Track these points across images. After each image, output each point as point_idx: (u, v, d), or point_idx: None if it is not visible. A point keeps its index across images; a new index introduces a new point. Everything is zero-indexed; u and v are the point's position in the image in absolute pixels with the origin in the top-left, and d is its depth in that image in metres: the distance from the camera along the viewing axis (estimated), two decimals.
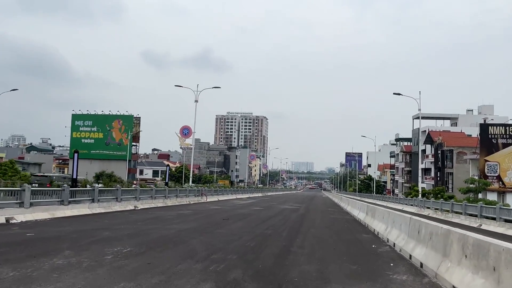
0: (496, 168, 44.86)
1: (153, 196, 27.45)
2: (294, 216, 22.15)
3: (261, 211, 25.63)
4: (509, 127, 45.19)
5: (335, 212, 27.73)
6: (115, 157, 78.94)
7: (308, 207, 34.17)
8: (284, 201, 44.29)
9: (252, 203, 36.27)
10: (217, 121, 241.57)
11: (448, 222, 24.94)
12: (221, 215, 20.73)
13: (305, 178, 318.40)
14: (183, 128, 39.35)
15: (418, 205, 35.62)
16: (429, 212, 31.55)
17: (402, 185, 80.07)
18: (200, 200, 36.57)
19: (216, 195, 43.39)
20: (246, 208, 28.30)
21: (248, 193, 61.48)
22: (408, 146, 78.21)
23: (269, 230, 14.23)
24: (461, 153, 54.80)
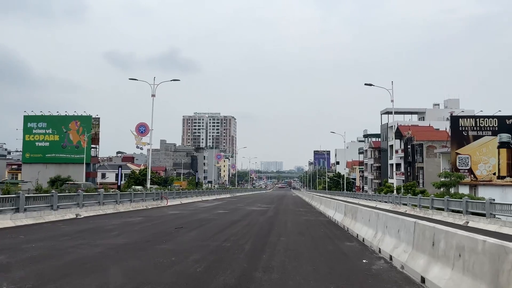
0: (467, 161, 43.68)
1: (100, 202, 23.76)
2: (262, 220, 19.14)
3: (225, 214, 22.51)
4: (479, 118, 44.15)
5: (308, 213, 24.98)
6: (72, 160, 73.66)
7: (278, 207, 31.34)
8: (252, 202, 41.31)
9: (217, 206, 33.07)
10: (184, 121, 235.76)
11: (430, 219, 22.66)
12: (176, 222, 17.46)
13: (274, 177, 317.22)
14: (139, 125, 35.62)
15: (393, 201, 33.53)
16: (406, 209, 29.40)
17: (372, 182, 78.96)
18: (159, 204, 33.00)
19: (178, 198, 39.85)
20: (208, 211, 25.08)
21: (216, 194, 58.13)
22: (377, 142, 77.18)
23: (229, 241, 11.13)
24: (431, 147, 53.68)
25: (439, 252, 6.30)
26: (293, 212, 25.89)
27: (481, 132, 43.79)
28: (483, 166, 43.29)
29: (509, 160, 42.88)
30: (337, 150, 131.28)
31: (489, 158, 43.30)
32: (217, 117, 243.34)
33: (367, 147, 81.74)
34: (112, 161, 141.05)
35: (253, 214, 23.39)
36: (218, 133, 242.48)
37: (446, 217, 22.20)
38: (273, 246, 10.41)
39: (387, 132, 67.84)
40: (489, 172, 43.03)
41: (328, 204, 23.25)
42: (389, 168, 67.42)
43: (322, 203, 27.06)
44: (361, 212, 13.20)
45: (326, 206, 24.30)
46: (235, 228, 14.95)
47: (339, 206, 18.54)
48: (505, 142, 43.03)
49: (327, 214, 21.97)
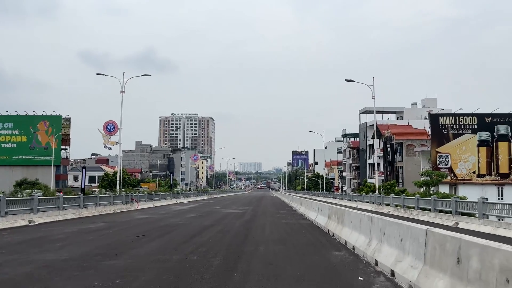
0: (447, 160, 43.00)
1: (60, 206, 21.41)
2: (237, 224, 17.28)
3: (198, 219, 20.55)
4: (459, 116, 43.57)
5: (288, 215, 23.28)
6: (41, 162, 70.04)
7: (256, 210, 29.55)
8: (229, 204, 39.40)
9: (192, 209, 31.04)
10: (161, 123, 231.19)
11: (416, 220, 21.30)
12: (141, 228, 15.44)
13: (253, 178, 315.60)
14: (107, 123, 33.16)
15: (375, 201, 32.24)
16: (389, 209, 28.09)
17: (350, 182, 78.19)
18: (129, 208, 30.75)
19: (151, 200, 37.58)
20: (180, 215, 23.06)
21: (192, 196, 55.90)
22: (356, 141, 76.46)
23: (196, 253, 9.25)
24: (410, 145, 53.01)
25: (469, 273, 4.61)
26: (272, 214, 24.14)
27: (460, 130, 43.22)
28: (463, 165, 42.70)
29: (489, 158, 42.44)
30: (315, 151, 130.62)
31: (468, 157, 42.76)
32: (195, 118, 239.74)
33: (346, 147, 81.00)
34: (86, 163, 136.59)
35: (229, 217, 21.52)
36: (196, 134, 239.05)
37: (433, 218, 20.88)
38: (249, 260, 8.58)
39: (366, 131, 67.07)
40: (469, 171, 42.48)
41: (309, 206, 21.60)
42: (368, 167, 66.66)
43: (303, 204, 25.42)
44: (349, 215, 11.52)
45: (307, 207, 22.66)
46: (206, 235, 13.05)
47: (322, 208, 16.87)
48: (485, 140, 42.58)
49: (309, 216, 20.32)
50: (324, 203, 17.34)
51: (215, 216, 22.74)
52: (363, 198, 36.85)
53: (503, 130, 42.37)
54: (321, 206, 17.21)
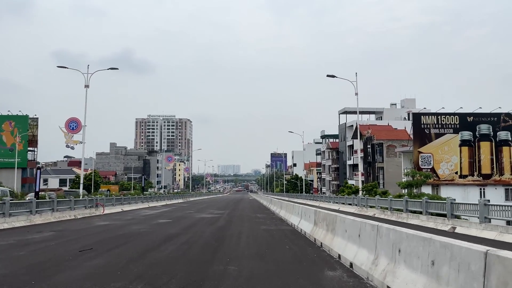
0: (430, 160, 41.66)
1: (6, 213, 18.55)
2: (208, 232, 14.84)
3: (165, 225, 18.03)
4: (441, 116, 42.34)
5: (267, 220, 20.99)
6: (5, 165, 65.68)
7: (232, 214, 27.14)
8: (204, 208, 36.85)
9: (162, 213, 28.39)
10: (137, 124, 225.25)
11: (407, 224, 19.37)
12: (91, 239, 12.85)
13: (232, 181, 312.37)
14: (69, 121, 30.08)
15: (359, 203, 30.34)
16: (375, 212, 26.20)
17: (330, 183, 76.69)
18: (94, 213, 27.87)
19: (119, 205, 34.64)
20: (147, 222, 20.45)
21: (166, 200, 52.96)
22: (335, 142, 75.04)
23: (144, 279, 6.81)
24: (391, 146, 51.69)
25: None
26: (249, 219, 21.79)
27: (443, 130, 41.99)
28: (445, 165, 41.45)
29: (471, 158, 41.34)
30: (294, 152, 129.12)
31: (451, 157, 41.55)
32: (172, 119, 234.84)
33: (325, 148, 79.50)
34: (58, 165, 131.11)
35: (200, 223, 19.05)
36: (173, 136, 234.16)
37: (425, 222, 19.00)
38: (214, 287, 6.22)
39: (346, 132, 65.63)
40: (451, 171, 41.25)
41: (291, 210, 19.36)
42: (348, 169, 65.20)
43: (283, 207, 23.18)
44: (343, 223, 9.30)
45: (288, 211, 20.42)
46: (166, 248, 10.60)
47: (306, 212, 14.65)
48: (467, 140, 41.46)
49: (290, 221, 18.08)
50: (308, 207, 15.12)
51: (185, 222, 20.24)
52: (345, 200, 34.95)
53: (485, 130, 41.37)
54: (305, 210, 14.99)
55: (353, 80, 30.56)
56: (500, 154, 41.20)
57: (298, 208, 17.09)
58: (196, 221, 20.72)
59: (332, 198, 41.47)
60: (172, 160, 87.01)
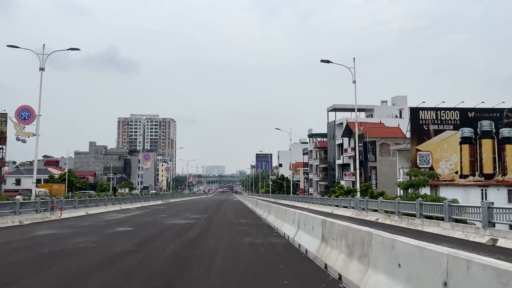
0: (428, 159, 38.16)
1: None
2: (171, 250, 10.55)
3: (119, 237, 13.73)
4: (440, 111, 38.91)
5: (252, 228, 16.83)
6: None
7: (212, 219, 22.89)
8: (182, 211, 32.52)
9: (129, 218, 23.98)
10: (119, 124, 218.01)
11: (426, 233, 15.51)
12: (11, 258, 8.53)
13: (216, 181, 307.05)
14: (20, 109, 25.33)
15: (356, 206, 26.45)
16: (377, 216, 22.32)
17: (317, 184, 73.00)
18: (48, 218, 23.35)
19: (84, 207, 30.05)
20: (100, 231, 16.08)
21: (142, 201, 48.30)
22: (323, 141, 71.37)
23: None
24: (385, 144, 48.15)
25: None
26: (231, 227, 17.59)
27: (442, 126, 38.55)
28: (444, 164, 37.99)
29: (472, 157, 38.01)
30: (280, 152, 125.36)
31: (450, 155, 38.12)
32: (156, 119, 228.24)
33: (312, 147, 75.78)
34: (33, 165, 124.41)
35: (167, 234, 14.78)
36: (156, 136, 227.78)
37: (449, 231, 15.13)
38: None
39: (335, 130, 61.98)
40: (451, 171, 37.82)
41: (282, 215, 15.25)
42: (337, 168, 61.55)
43: (272, 212, 19.06)
44: (389, 249, 5.19)
45: (278, 217, 16.30)
46: (94, 283, 6.38)
47: (307, 221, 10.54)
48: (467, 138, 38.11)
49: (282, 231, 13.98)
50: (310, 214, 10.98)
51: (150, 230, 15.94)
52: (339, 202, 31.02)
53: (487, 126, 38.08)
54: (305, 218, 10.88)
55: (351, 66, 26.72)
56: (502, 153, 37.96)
57: (292, 215, 12.98)
58: (164, 229, 16.45)
59: (323, 200, 37.50)
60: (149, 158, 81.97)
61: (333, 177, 64.40)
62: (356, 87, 26.97)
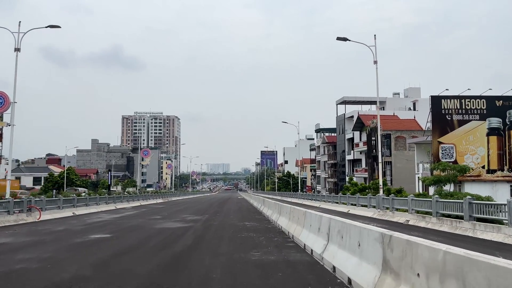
0: (452, 152, 34.35)
1: None
2: (141, 275, 7.01)
3: (87, 249, 10.23)
4: (465, 99, 35.10)
5: (260, 235, 13.24)
6: None
7: (211, 221, 19.34)
8: (181, 210, 29.06)
9: (116, 220, 20.52)
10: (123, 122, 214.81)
11: (488, 243, 11.87)
12: None
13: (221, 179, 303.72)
14: None
15: (379, 205, 22.77)
16: (407, 217, 18.68)
17: (325, 180, 69.29)
18: (23, 220, 20.05)
19: (71, 207, 26.65)
20: (66, 239, 12.56)
21: (141, 200, 44.87)
22: (331, 136, 67.61)
23: None
24: (400, 137, 44.38)
25: None
26: (233, 232, 14.02)
27: (467, 116, 34.68)
28: (470, 158, 34.14)
29: (500, 150, 34.13)
30: (285, 149, 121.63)
31: (477, 148, 34.28)
32: (160, 117, 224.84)
33: (320, 143, 72.01)
34: (35, 163, 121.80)
35: (151, 243, 11.25)
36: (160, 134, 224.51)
37: None
38: None
39: (345, 124, 58.22)
40: (478, 165, 33.94)
41: (300, 219, 11.63)
42: (347, 164, 57.81)
43: (284, 213, 15.47)
44: None
45: (293, 221, 12.69)
46: None
47: (346, 231, 6.88)
48: (495, 128, 34.21)
49: (301, 240, 10.40)
50: (352, 222, 7.31)
51: (129, 239, 12.41)
52: (356, 201, 27.29)
53: None
54: (342, 227, 7.24)
55: (371, 45, 23.00)
56: None
57: (317, 220, 9.36)
58: (149, 236, 12.91)
59: (336, 198, 33.74)
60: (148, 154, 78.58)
61: (341, 174, 60.71)
62: (377, 69, 23.28)
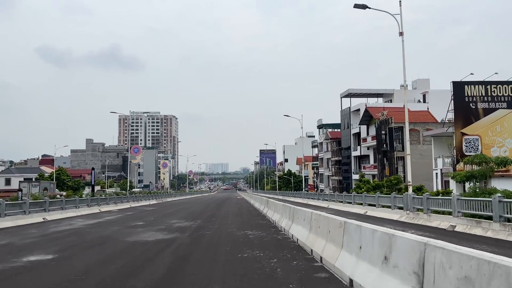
0: (477, 144, 30.25)
1: None
2: None
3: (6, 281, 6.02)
4: (491, 85, 30.99)
5: (270, 252, 9.11)
6: None
7: (203, 229, 15.17)
8: (170, 214, 24.92)
9: (86, 228, 16.36)
10: (120, 122, 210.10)
11: None
12: None
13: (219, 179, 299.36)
14: None
15: (408, 207, 18.63)
16: (452, 222, 14.59)
17: (329, 179, 65.19)
18: None
19: (41, 211, 22.49)
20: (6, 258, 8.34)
21: (131, 201, 40.67)
22: (335, 132, 63.46)
23: None
24: (413, 130, 40.25)
25: None
26: (232, 250, 9.85)
27: (493, 103, 30.59)
28: (497, 151, 29.98)
29: None
30: (285, 147, 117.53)
31: (504, 140, 30.16)
32: (157, 116, 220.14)
33: (323, 139, 67.84)
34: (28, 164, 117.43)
35: (105, 270, 7.03)
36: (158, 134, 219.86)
37: None
38: None
39: (350, 118, 54.11)
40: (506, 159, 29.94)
41: (334, 233, 7.50)
42: (353, 161, 53.71)
43: (297, 219, 11.34)
44: None
45: (320, 233, 8.53)
46: None
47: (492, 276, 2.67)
48: None
49: (343, 270, 6.25)
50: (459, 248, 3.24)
51: (76, 264, 8.20)
52: (376, 201, 23.11)
53: None
54: (449, 256, 3.03)
55: (396, 13, 18.87)
56: None
57: (379, 239, 5.21)
58: (105, 260, 8.74)
59: (348, 197, 29.52)
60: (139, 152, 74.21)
61: (346, 172, 56.66)
62: (403, 42, 19.11)
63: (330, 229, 7.80)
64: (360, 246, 5.92)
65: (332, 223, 7.81)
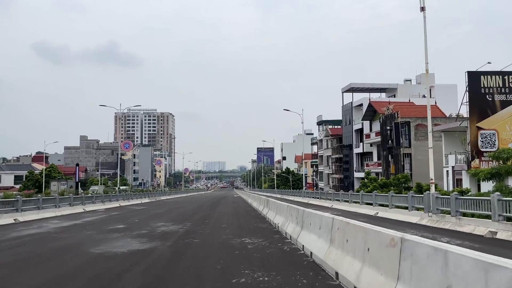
0: (493, 139, 27.84)
1: None
2: None
3: None
4: (509, 76, 28.51)
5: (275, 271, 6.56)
6: None
7: (193, 235, 12.55)
8: (159, 214, 22.31)
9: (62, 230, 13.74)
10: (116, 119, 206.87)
11: None
12: None
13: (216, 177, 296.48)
14: None
15: (431, 208, 16.05)
16: (494, 227, 12.05)
17: (329, 177, 62.67)
18: None
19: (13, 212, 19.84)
20: None
21: (120, 200, 37.94)
22: (336, 129, 60.93)
23: None
24: (420, 126, 37.76)
25: None
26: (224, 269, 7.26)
27: (510, 96, 28.27)
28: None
29: None
30: (283, 144, 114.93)
31: None
32: (154, 113, 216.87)
33: (323, 136, 65.29)
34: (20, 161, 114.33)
35: None
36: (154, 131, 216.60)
37: None
38: None
39: (352, 114, 51.57)
40: None
41: (372, 256, 4.92)
42: (355, 158, 51.20)
43: (308, 225, 8.78)
44: None
45: (351, 251, 5.94)
46: None
47: None
48: None
49: None
50: None
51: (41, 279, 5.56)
52: (389, 201, 20.47)
53: None
54: None
55: None
56: None
57: None
58: (53, 281, 6.12)
59: (356, 197, 26.82)
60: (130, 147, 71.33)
61: (347, 170, 54.18)
62: (425, 18, 16.58)
63: (370, 247, 5.20)
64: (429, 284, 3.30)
65: (373, 238, 5.20)
